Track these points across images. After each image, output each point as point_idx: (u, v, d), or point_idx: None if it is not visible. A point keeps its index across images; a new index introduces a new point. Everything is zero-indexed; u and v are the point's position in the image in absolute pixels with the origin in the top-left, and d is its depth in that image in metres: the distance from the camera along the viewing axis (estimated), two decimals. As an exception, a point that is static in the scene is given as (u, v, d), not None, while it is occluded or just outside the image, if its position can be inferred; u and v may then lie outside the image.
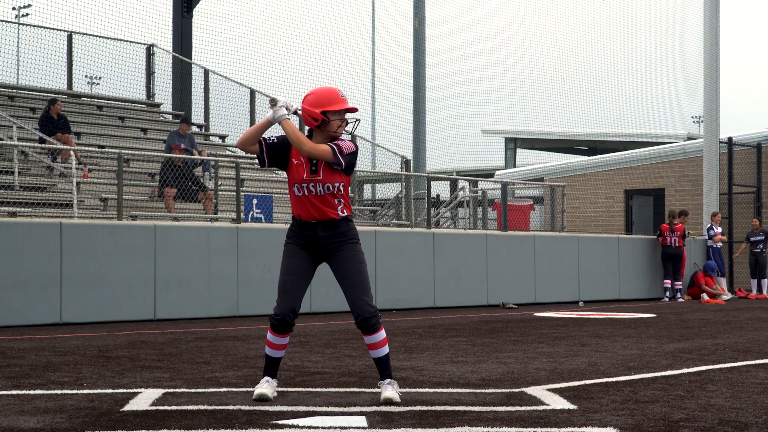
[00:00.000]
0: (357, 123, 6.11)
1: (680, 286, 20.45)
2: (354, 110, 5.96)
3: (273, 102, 5.90)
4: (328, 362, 8.04)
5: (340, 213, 5.96)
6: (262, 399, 5.88)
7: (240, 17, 29.47)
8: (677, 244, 20.32)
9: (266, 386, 5.96)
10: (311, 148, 5.82)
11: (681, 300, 20.21)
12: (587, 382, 6.84)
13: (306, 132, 6.06)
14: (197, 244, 13.71)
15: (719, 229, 21.61)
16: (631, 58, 41.93)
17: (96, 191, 16.03)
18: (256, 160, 6.26)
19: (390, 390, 5.83)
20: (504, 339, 10.50)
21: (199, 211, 16.24)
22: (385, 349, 5.95)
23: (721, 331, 11.85)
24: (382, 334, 5.96)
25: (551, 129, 37.21)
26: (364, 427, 5.05)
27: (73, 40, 21.23)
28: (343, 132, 5.98)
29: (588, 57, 44.32)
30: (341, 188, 5.94)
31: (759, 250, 21.74)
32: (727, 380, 6.97)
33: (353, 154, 5.93)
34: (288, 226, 6.19)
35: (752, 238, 21.90)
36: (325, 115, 5.88)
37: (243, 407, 5.63)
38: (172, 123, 21.64)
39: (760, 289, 21.81)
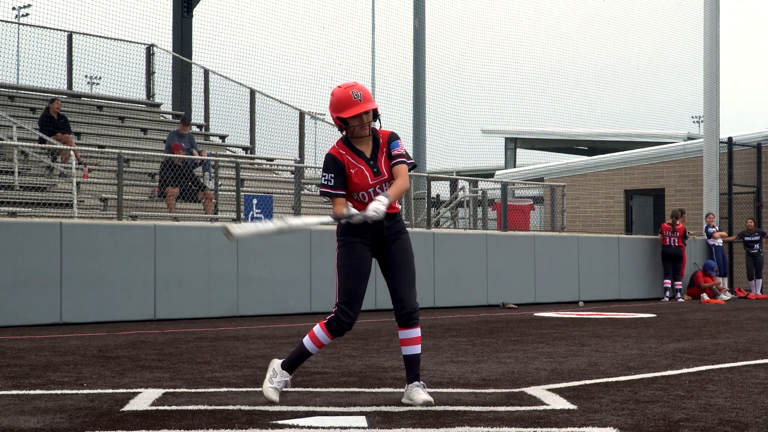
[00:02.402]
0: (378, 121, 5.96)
1: (680, 286, 20.46)
2: (370, 109, 5.78)
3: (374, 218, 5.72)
4: (328, 362, 8.04)
5: (398, 205, 5.99)
6: (272, 403, 5.82)
7: (240, 17, 29.47)
8: (677, 244, 20.34)
9: (281, 387, 5.88)
10: (403, 184, 5.81)
11: (681, 300, 20.21)
12: (587, 382, 6.83)
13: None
14: (197, 244, 13.70)
15: (716, 228, 21.66)
16: (632, 58, 41.93)
17: (96, 191, 16.02)
18: (256, 160, 6.26)
19: (424, 393, 5.77)
20: (504, 339, 10.50)
21: (199, 211, 16.24)
22: (419, 348, 5.91)
23: (721, 331, 11.85)
24: (418, 331, 5.91)
25: (551, 129, 37.21)
26: (364, 427, 5.05)
27: (73, 40, 21.23)
28: (367, 132, 5.83)
29: (588, 57, 44.33)
30: None
31: (756, 251, 21.75)
32: (727, 380, 6.97)
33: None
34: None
35: (747, 238, 21.91)
36: (343, 121, 5.80)
37: (243, 407, 5.63)
38: (172, 123, 21.63)
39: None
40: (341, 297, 5.83)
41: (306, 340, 5.92)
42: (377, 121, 5.92)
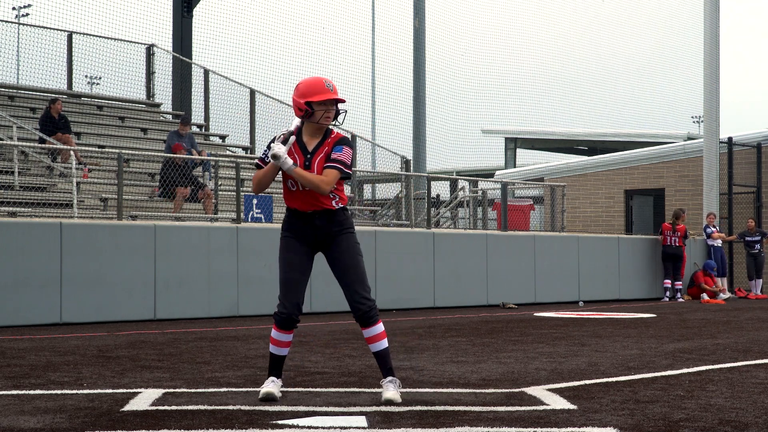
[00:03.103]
0: (344, 115, 6.04)
1: (680, 286, 20.46)
2: (340, 101, 5.91)
3: (275, 158, 5.84)
4: (328, 362, 8.04)
5: (335, 205, 5.97)
6: (269, 398, 5.85)
7: (240, 17, 29.47)
8: (677, 244, 20.34)
9: (272, 386, 5.94)
10: (321, 182, 5.81)
11: (681, 300, 20.21)
12: (587, 382, 6.83)
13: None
14: (197, 244, 13.70)
15: (716, 229, 21.67)
16: (632, 58, 41.95)
17: (96, 191, 16.03)
18: (256, 160, 6.26)
19: (392, 390, 5.80)
20: (504, 339, 10.50)
21: (199, 211, 16.24)
22: (384, 343, 5.93)
23: (721, 331, 11.85)
24: (380, 327, 5.94)
25: (551, 129, 37.22)
26: (364, 427, 5.05)
27: (73, 40, 21.23)
28: (331, 124, 5.93)
29: (588, 57, 44.33)
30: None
31: (756, 251, 21.75)
32: (727, 380, 6.97)
33: (352, 158, 5.99)
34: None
35: (748, 238, 21.91)
36: (309, 106, 5.87)
37: (243, 407, 5.63)
38: (172, 123, 21.64)
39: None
40: (279, 289, 6.02)
41: (270, 345, 6.08)
42: (338, 119, 5.99)
